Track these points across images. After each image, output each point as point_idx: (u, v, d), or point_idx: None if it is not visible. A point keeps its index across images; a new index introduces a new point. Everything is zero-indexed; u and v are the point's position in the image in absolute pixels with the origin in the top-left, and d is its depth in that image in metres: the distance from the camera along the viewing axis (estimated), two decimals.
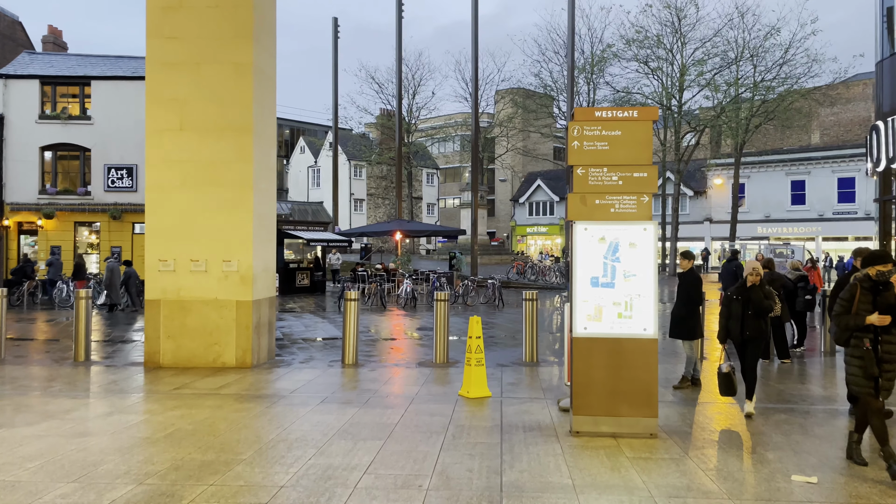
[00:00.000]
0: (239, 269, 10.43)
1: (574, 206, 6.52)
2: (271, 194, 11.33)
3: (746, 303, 7.39)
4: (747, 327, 7.37)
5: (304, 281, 28.13)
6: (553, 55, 42.47)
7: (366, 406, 7.77)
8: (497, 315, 19.62)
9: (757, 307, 7.36)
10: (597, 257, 6.48)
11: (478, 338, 8.38)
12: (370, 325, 17.04)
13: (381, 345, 13.48)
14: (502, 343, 13.81)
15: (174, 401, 8.03)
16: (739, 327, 7.39)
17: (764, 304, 7.37)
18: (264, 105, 10.93)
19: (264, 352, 10.95)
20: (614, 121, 6.49)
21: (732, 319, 7.45)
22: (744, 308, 7.39)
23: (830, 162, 47.07)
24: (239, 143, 10.45)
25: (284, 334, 15.11)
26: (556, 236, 58.83)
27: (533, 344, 11.11)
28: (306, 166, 59.78)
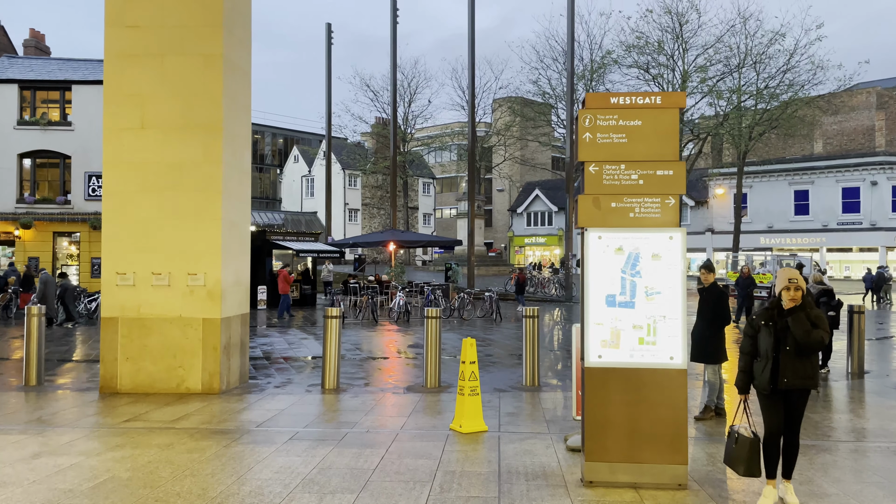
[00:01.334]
0: (206, 283, 9.34)
1: (585, 209, 5.45)
2: (244, 200, 10.26)
3: (783, 333, 4.96)
4: (785, 371, 4.93)
5: (294, 293, 26.99)
6: (551, 62, 41.54)
7: (341, 444, 6.67)
8: (494, 330, 18.52)
9: (801, 341, 4.87)
10: (613, 271, 5.41)
11: (472, 363, 7.29)
12: (359, 341, 15.94)
13: (369, 365, 12.37)
14: (500, 363, 12.71)
15: (120, 437, 6.92)
16: (771, 371, 4.97)
17: (813, 336, 4.87)
18: (237, 102, 9.88)
19: (235, 375, 9.85)
20: (633, 108, 5.44)
21: (761, 359, 5.05)
22: (778, 341, 4.97)
23: (834, 171, 46.17)
24: (207, 143, 9.39)
25: (265, 353, 14.00)
26: (555, 247, 57.78)
27: (534, 366, 10.02)
28: (300, 176, 58.74)
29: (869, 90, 50.28)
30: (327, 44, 38.21)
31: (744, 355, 5.17)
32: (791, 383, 4.93)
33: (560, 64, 41.30)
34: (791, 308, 4.95)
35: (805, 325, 4.89)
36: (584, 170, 5.48)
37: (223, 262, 9.41)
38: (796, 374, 4.93)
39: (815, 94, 37.92)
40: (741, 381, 5.17)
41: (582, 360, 5.51)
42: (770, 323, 5.01)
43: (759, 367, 5.05)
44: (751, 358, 5.13)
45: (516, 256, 60.17)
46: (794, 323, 4.90)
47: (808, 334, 4.87)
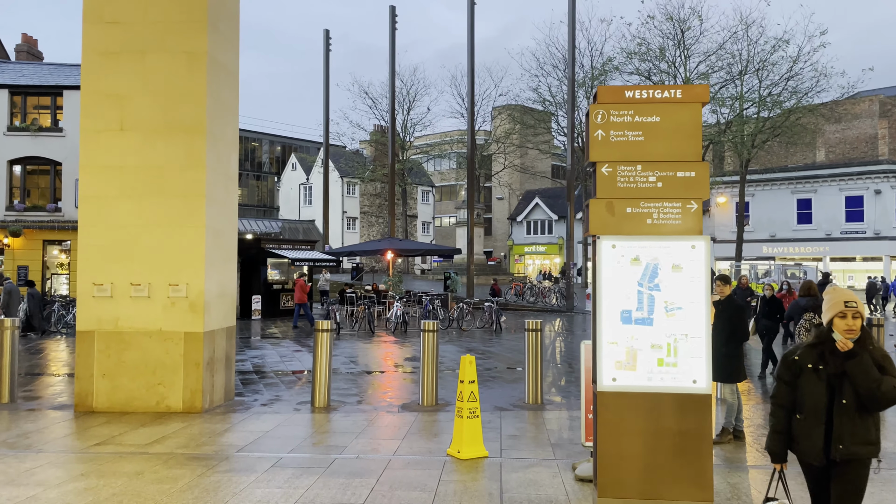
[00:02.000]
0: (188, 294, 8.77)
1: (598, 215, 4.90)
2: (230, 207, 9.70)
3: (838, 381, 3.59)
4: (841, 434, 3.55)
5: (289, 303, 26.41)
6: (552, 69, 41.21)
7: (328, 473, 6.08)
8: (494, 342, 17.94)
9: (867, 393, 3.51)
10: (629, 284, 4.85)
11: (471, 382, 6.71)
12: (355, 354, 15.35)
13: (363, 380, 11.79)
14: (500, 377, 12.12)
15: (86, 464, 6.33)
16: (823, 433, 3.60)
17: (883, 387, 3.48)
18: (222, 102, 9.34)
19: (220, 392, 9.26)
20: (651, 103, 4.89)
21: (805, 416, 3.64)
22: (832, 391, 3.60)
23: (837, 180, 45.70)
24: (190, 145, 8.84)
25: (255, 366, 13.41)
26: (555, 256, 57.22)
27: (537, 383, 9.43)
28: (298, 184, 58.24)
29: (871, 98, 49.90)
30: (325, 50, 37.81)
31: (779, 409, 3.77)
32: (850, 450, 3.52)
33: (560, 71, 40.93)
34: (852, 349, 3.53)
35: (871, 372, 3.48)
36: (596, 171, 4.93)
37: (206, 273, 8.85)
38: (856, 438, 3.52)
39: (818, 101, 37.50)
40: (776, 446, 3.79)
41: (594, 382, 4.94)
42: (819, 366, 3.61)
43: (805, 428, 3.63)
44: (788, 414, 3.73)
45: (516, 265, 59.62)
46: (854, 367, 3.50)
47: (877, 384, 3.45)
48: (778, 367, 3.84)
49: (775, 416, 3.80)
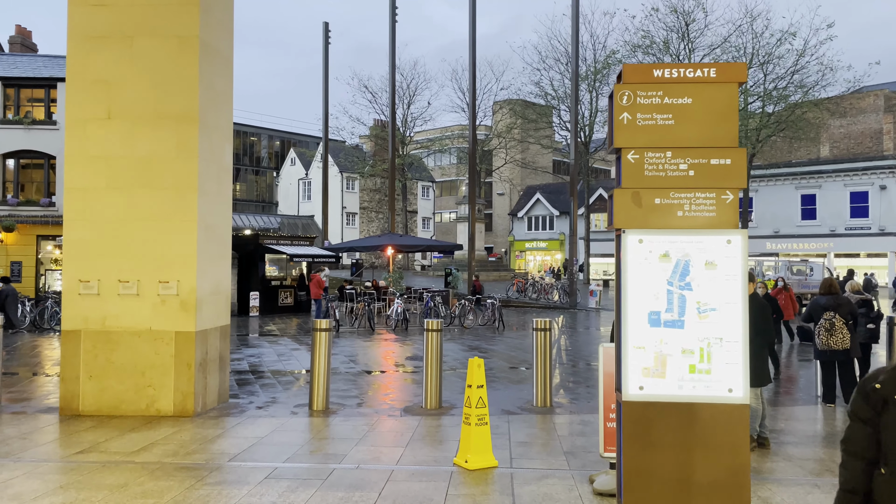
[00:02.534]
0: (179, 291, 8.32)
1: (623, 207, 4.45)
2: (224, 200, 9.24)
3: None
4: None
5: (288, 300, 26.02)
6: (554, 63, 40.64)
7: (326, 486, 5.64)
8: (497, 340, 17.50)
9: None
10: (657, 283, 4.40)
11: (479, 387, 6.27)
12: (354, 352, 14.91)
13: (363, 380, 11.35)
14: (505, 377, 11.69)
15: (66, 475, 5.89)
16: None
17: None
18: (215, 90, 8.88)
19: (213, 394, 8.82)
20: (682, 83, 4.43)
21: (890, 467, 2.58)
22: None
23: (842, 175, 45.25)
24: (181, 134, 8.38)
25: (251, 365, 12.98)
26: (556, 251, 56.80)
27: (545, 385, 8.99)
28: (297, 179, 57.72)
29: (877, 93, 49.39)
30: (324, 43, 37.31)
31: (852, 459, 2.73)
32: None
33: (562, 65, 40.40)
34: None
35: None
36: (621, 158, 4.47)
37: (199, 269, 8.40)
38: None
39: (824, 96, 37.01)
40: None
41: (618, 391, 4.49)
42: None
43: (891, 487, 2.56)
44: (867, 466, 2.68)
45: (517, 261, 59.19)
46: None
47: None
48: (852, 401, 2.81)
49: (848, 468, 2.75)
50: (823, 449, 7.02)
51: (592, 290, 28.11)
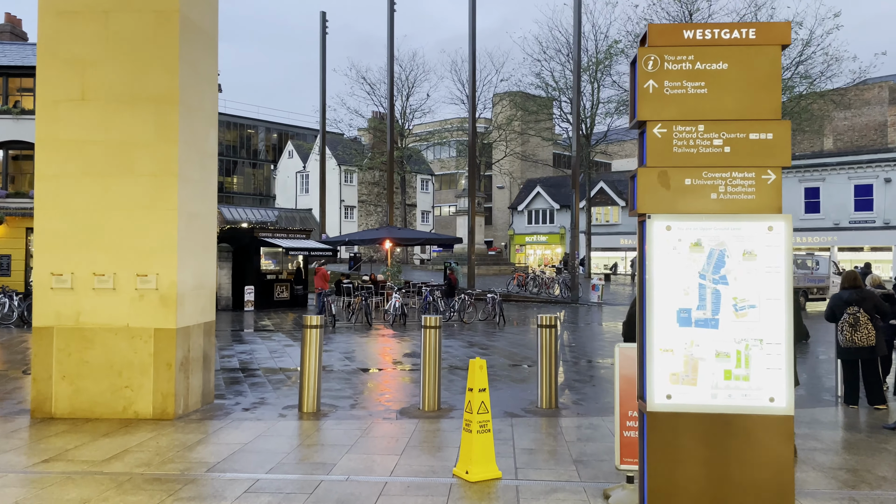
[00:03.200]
0: (159, 286, 7.75)
1: (648, 188, 3.88)
2: (208, 188, 8.66)
3: None
4: None
5: (284, 294, 25.45)
6: (555, 53, 40.04)
7: (311, 501, 5.08)
8: (498, 336, 16.95)
9: None
10: (687, 276, 3.84)
11: (481, 391, 5.71)
12: (350, 349, 14.36)
13: (358, 379, 10.79)
14: (507, 375, 11.14)
15: (23, 489, 5.33)
16: None
17: None
18: (198, 70, 8.29)
19: (196, 395, 8.26)
20: (717, 45, 3.86)
21: None
22: None
23: (846, 168, 44.61)
24: (160, 117, 7.80)
25: (242, 363, 12.42)
26: (557, 245, 56.22)
27: (551, 385, 8.44)
28: (294, 172, 57.08)
29: (881, 84, 48.74)
30: (322, 32, 36.65)
31: None
32: None
33: (564, 55, 39.81)
34: None
35: None
36: (647, 133, 3.90)
37: (180, 261, 7.82)
38: None
39: (829, 87, 36.40)
40: None
41: (642, 399, 3.94)
42: None
43: None
44: None
45: (517, 255, 58.62)
46: None
47: None
48: None
49: None
50: (854, 456, 6.47)
51: (595, 284, 27.57)
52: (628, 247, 53.16)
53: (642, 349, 3.94)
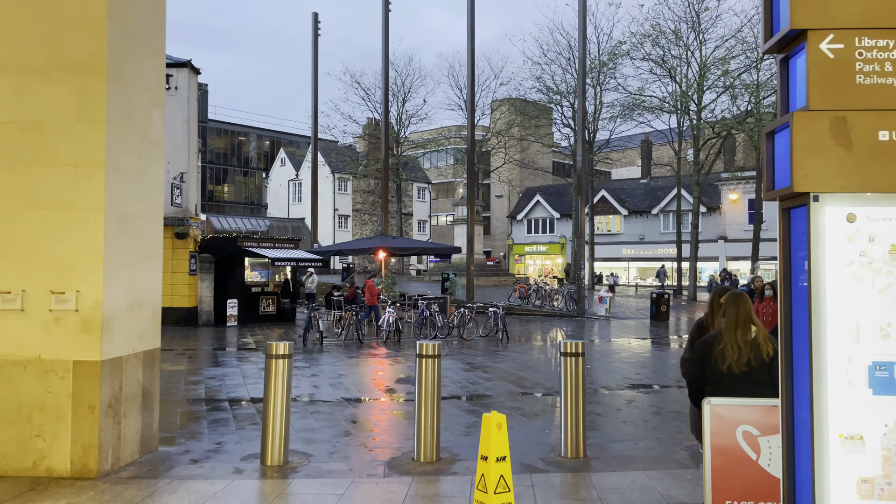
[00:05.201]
0: (79, 306, 6.05)
1: (809, 149, 2.20)
2: (151, 183, 6.97)
3: None
4: None
5: (270, 308, 23.72)
6: (556, 56, 38.61)
7: None
8: (502, 355, 15.24)
9: None
10: (883, 298, 2.15)
11: (500, 460, 4.02)
12: (336, 372, 12.65)
13: (341, 413, 9.08)
14: (516, 408, 9.43)
15: None
16: None
17: None
18: (134, 33, 6.63)
19: (131, 444, 6.54)
20: None
21: None
22: None
23: None
24: (83, 90, 6.13)
25: (209, 391, 10.72)
26: (557, 255, 54.60)
27: (578, 428, 6.74)
28: (287, 180, 55.39)
29: None
30: (314, 34, 35.14)
31: None
32: None
33: (565, 59, 38.35)
34: None
35: None
36: (807, 49, 2.23)
37: (108, 275, 6.13)
38: None
39: None
40: None
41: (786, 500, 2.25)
42: None
43: None
44: None
45: (516, 265, 56.98)
46: None
47: None
48: None
49: None
50: None
51: (602, 296, 25.88)
52: (630, 257, 51.57)
53: (791, 430, 2.25)
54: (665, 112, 35.43)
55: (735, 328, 4.33)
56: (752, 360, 4.29)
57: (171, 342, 17.67)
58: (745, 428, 3.30)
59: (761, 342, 4.34)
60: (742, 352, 4.30)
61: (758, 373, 4.26)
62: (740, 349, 4.29)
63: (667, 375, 12.58)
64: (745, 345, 4.30)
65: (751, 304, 4.37)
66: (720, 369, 4.31)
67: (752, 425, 3.31)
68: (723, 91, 33.87)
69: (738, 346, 4.29)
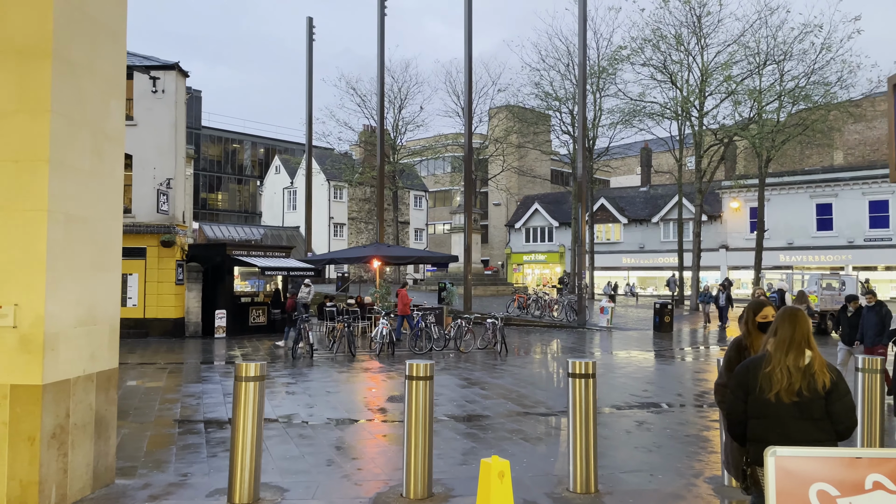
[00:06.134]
0: (18, 322, 5.28)
1: None
2: (107, 182, 6.20)
3: None
4: None
5: (260, 318, 22.90)
6: (554, 62, 37.95)
7: None
8: (500, 369, 14.44)
9: None
10: None
11: None
12: (323, 388, 11.85)
13: (325, 438, 8.27)
14: (516, 430, 8.64)
15: None
16: None
17: None
18: (86, 11, 5.88)
19: (81, 479, 5.74)
20: None
21: None
22: None
23: (860, 183, 42.48)
24: (25, 76, 5.39)
25: (185, 410, 9.93)
26: (556, 264, 53.82)
27: (590, 459, 5.97)
28: (281, 188, 54.59)
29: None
30: (308, 39, 34.45)
31: None
32: None
33: (564, 65, 37.73)
34: None
35: None
36: None
37: (52, 285, 5.36)
38: None
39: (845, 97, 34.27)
40: None
41: None
42: None
43: None
44: None
45: (514, 275, 56.18)
46: None
47: None
48: None
49: None
50: None
51: (603, 306, 25.10)
52: (630, 266, 50.80)
53: None
54: (666, 118, 34.77)
55: (787, 350, 3.58)
56: (803, 390, 3.54)
57: (154, 355, 16.87)
58: (821, 487, 2.54)
59: (817, 370, 3.58)
60: (793, 378, 3.55)
61: (811, 406, 3.52)
62: (790, 375, 3.54)
63: (677, 393, 11.81)
64: (796, 371, 3.56)
65: (810, 323, 3.61)
66: (766, 398, 3.56)
67: (829, 483, 2.56)
68: (725, 97, 33.21)
69: (789, 372, 3.55)
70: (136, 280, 20.94)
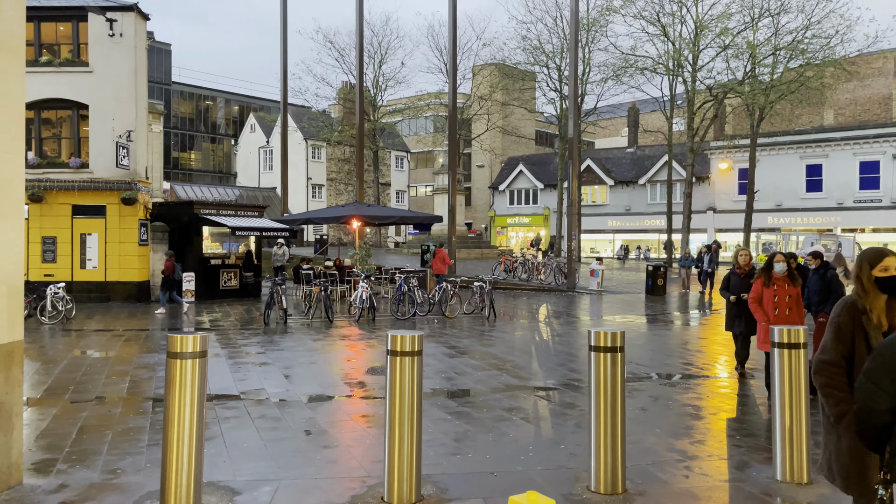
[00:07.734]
0: None
1: None
2: (5, 109, 4.81)
3: None
4: None
5: (232, 282, 21.53)
6: (542, 14, 36.31)
7: None
8: (489, 336, 13.29)
9: None
10: None
11: None
12: (295, 359, 10.62)
13: (294, 420, 7.04)
14: (517, 406, 7.48)
15: None
16: None
17: None
18: None
19: None
20: None
21: None
22: None
23: (851, 143, 41.59)
24: None
25: (133, 386, 8.65)
26: (541, 227, 52.71)
27: (616, 454, 4.80)
28: (257, 147, 52.54)
29: (886, 55, 45.66)
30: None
31: None
32: None
33: (552, 17, 36.09)
34: None
35: None
36: None
37: None
38: None
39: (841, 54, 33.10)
40: None
41: None
42: None
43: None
44: None
45: (498, 238, 55.03)
46: None
47: None
48: None
49: None
50: None
51: (594, 269, 24.04)
52: (616, 228, 49.84)
53: None
54: (658, 73, 33.40)
55: None
56: None
57: (113, 321, 15.53)
58: None
59: None
60: None
61: None
62: None
63: (685, 361, 10.74)
64: None
65: None
66: None
67: None
68: (721, 51, 31.86)
69: None
70: (95, 240, 19.42)
